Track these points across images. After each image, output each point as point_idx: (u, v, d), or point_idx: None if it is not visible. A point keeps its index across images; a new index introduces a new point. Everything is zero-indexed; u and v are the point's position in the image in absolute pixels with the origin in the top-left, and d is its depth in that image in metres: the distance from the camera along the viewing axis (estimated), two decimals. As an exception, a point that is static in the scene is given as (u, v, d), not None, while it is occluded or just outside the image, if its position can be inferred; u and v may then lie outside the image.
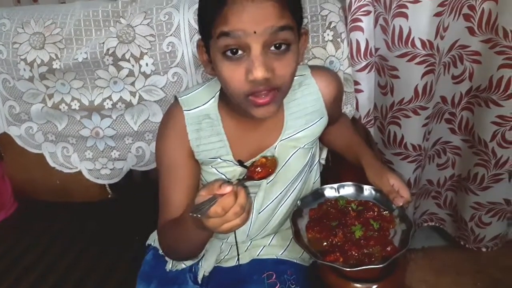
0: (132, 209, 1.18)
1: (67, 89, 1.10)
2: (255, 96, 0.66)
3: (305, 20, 0.98)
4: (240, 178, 0.79)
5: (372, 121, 1.14)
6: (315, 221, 0.73)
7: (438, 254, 1.42)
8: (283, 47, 0.65)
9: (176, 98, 0.83)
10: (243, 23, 0.62)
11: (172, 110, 0.83)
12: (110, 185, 1.22)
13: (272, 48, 0.64)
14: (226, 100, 0.78)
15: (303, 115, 0.82)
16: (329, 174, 1.00)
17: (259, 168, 0.75)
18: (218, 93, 0.81)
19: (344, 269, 0.62)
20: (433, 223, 1.41)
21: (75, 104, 1.10)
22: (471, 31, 1.03)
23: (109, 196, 1.24)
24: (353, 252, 0.65)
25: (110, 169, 1.18)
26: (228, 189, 0.58)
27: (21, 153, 1.19)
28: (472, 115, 1.14)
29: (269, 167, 0.75)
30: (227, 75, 0.66)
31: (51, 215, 1.20)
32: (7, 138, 1.19)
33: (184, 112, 0.80)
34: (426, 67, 1.01)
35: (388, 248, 0.66)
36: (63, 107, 1.11)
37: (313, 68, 0.86)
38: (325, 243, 0.69)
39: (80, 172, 1.20)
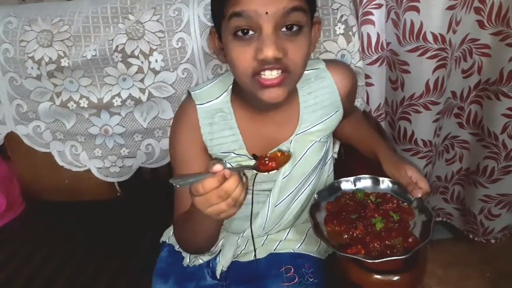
0: (141, 206, 1.18)
1: (76, 87, 1.09)
2: (263, 78, 0.65)
3: (316, 14, 0.98)
4: (243, 165, 0.78)
5: (383, 115, 1.14)
6: (334, 215, 0.73)
7: (445, 247, 1.43)
8: (295, 28, 0.65)
9: (189, 93, 0.83)
10: (255, 4, 0.61)
11: (185, 105, 0.83)
12: (119, 183, 1.21)
13: (284, 29, 0.64)
14: (239, 92, 0.78)
15: (319, 108, 0.82)
16: (341, 167, 1.00)
17: (267, 160, 0.71)
18: (230, 86, 0.81)
19: (368, 261, 0.62)
20: (440, 218, 1.41)
21: (84, 102, 1.09)
22: (481, 24, 1.03)
23: (118, 194, 1.23)
24: (375, 244, 0.65)
25: (120, 167, 1.18)
26: (216, 167, 0.57)
27: (29, 153, 1.18)
28: (480, 108, 1.14)
29: (280, 162, 0.72)
30: (236, 55, 0.65)
31: (59, 215, 1.19)
32: (15, 137, 1.17)
33: (197, 106, 0.80)
34: (438, 61, 1.01)
35: (410, 240, 0.66)
36: (72, 105, 1.10)
37: (328, 61, 0.85)
38: (345, 236, 0.68)
39: (88, 171, 1.19)
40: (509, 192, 1.19)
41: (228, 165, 0.81)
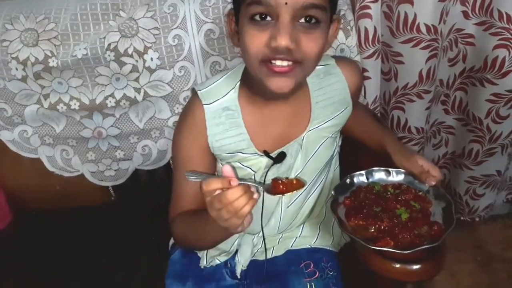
0: (139, 210, 1.15)
1: (65, 88, 1.03)
2: (273, 64, 0.64)
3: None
4: (256, 182, 0.78)
5: (378, 108, 1.17)
6: (356, 209, 0.73)
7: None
8: (312, 21, 0.64)
9: (194, 91, 0.80)
10: None
11: (192, 105, 0.80)
12: (112, 186, 1.17)
13: (302, 20, 0.63)
14: (248, 87, 0.77)
15: (330, 104, 0.82)
16: (342, 160, 1.02)
17: (280, 184, 0.69)
18: (239, 83, 0.79)
19: (404, 252, 0.63)
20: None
21: (75, 104, 1.04)
22: (465, 15, 1.07)
23: (112, 198, 1.19)
24: (405, 235, 0.67)
25: (115, 170, 1.13)
26: (225, 168, 0.60)
27: (15, 159, 1.11)
28: (465, 94, 1.19)
29: (293, 188, 0.69)
30: (249, 38, 0.65)
31: (50, 224, 1.13)
32: (-2, 144, 1.10)
33: (204, 106, 0.78)
34: (430, 51, 1.04)
35: (435, 227, 0.68)
36: (61, 108, 1.04)
37: (337, 58, 0.86)
38: (372, 230, 0.70)
39: (80, 176, 1.14)
40: (492, 172, 1.26)
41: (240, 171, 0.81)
